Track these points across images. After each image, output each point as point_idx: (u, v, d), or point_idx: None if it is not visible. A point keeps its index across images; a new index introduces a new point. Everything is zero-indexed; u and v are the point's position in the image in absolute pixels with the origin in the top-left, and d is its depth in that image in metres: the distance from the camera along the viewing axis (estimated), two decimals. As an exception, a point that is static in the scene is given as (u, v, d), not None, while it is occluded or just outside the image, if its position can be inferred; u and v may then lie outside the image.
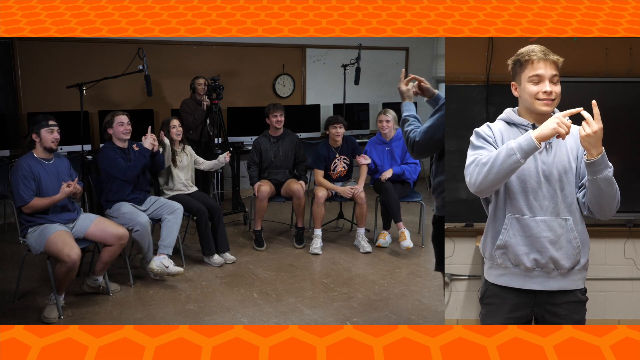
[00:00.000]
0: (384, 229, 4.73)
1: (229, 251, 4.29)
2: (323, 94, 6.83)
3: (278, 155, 4.77)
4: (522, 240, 1.89)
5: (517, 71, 1.90)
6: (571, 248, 1.89)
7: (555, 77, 1.85)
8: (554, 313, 1.93)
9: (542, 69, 1.83)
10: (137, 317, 3.36)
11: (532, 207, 1.87)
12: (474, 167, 1.79)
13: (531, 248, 1.89)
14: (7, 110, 5.22)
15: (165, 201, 4.06)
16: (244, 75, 6.35)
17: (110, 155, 3.83)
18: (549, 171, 1.86)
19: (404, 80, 2.48)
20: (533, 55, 1.84)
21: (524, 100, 1.90)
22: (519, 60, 1.88)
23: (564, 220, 1.88)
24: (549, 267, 1.90)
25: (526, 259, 1.90)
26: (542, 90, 1.83)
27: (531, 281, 1.92)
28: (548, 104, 1.84)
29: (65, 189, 3.34)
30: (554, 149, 1.88)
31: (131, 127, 3.90)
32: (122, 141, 3.89)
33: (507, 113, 1.96)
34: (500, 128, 1.92)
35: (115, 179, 3.86)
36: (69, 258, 3.19)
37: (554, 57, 1.85)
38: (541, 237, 1.88)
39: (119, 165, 3.81)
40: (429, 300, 3.64)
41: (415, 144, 2.35)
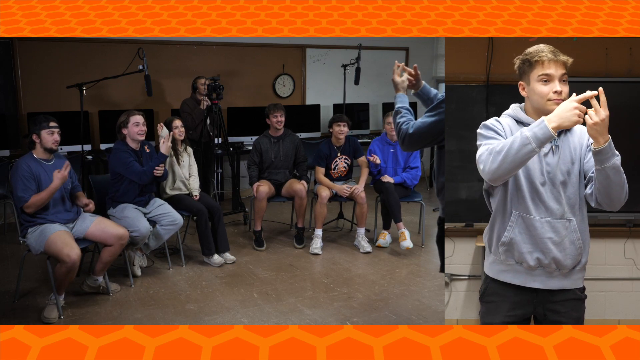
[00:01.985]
0: (384, 229, 4.73)
1: (229, 251, 4.29)
2: (323, 94, 6.82)
3: (278, 155, 4.77)
4: (527, 238, 1.90)
5: (526, 71, 1.88)
6: (574, 249, 1.90)
7: (564, 77, 1.85)
8: (554, 310, 1.94)
9: (553, 69, 1.83)
10: (137, 317, 3.36)
11: (538, 207, 1.88)
12: (487, 155, 1.75)
13: (535, 247, 1.90)
14: (7, 110, 5.22)
15: (170, 210, 4.01)
16: (244, 75, 6.35)
17: (125, 158, 3.80)
18: (553, 173, 1.87)
19: (397, 71, 2.48)
20: (543, 55, 1.83)
21: (533, 101, 1.89)
22: (529, 60, 1.87)
23: (567, 221, 1.88)
24: (551, 267, 1.91)
25: (529, 257, 1.90)
26: (553, 90, 1.82)
27: (533, 279, 1.93)
28: (559, 104, 1.83)
29: (57, 174, 3.29)
30: (559, 152, 1.87)
31: (146, 128, 3.87)
32: (135, 142, 3.88)
33: (514, 110, 1.95)
34: (509, 123, 1.91)
35: (124, 181, 3.84)
36: (68, 258, 3.19)
37: (563, 57, 1.85)
38: (545, 238, 1.88)
39: (135, 169, 3.79)
40: (429, 300, 3.64)
41: (407, 137, 2.29)
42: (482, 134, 1.88)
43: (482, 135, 1.88)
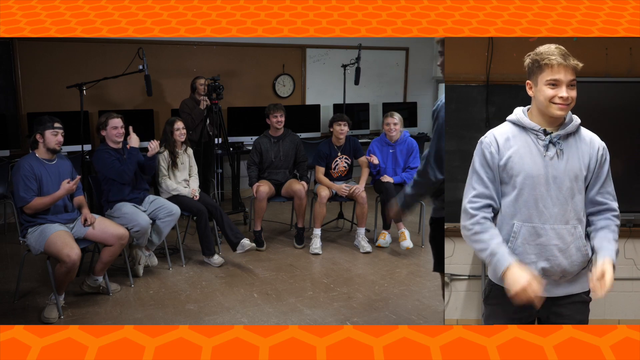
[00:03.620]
0: (384, 229, 4.73)
1: (244, 239, 4.22)
2: (323, 94, 6.82)
3: (278, 155, 4.77)
4: (531, 248, 1.87)
5: (535, 72, 1.86)
6: (580, 256, 1.88)
7: (573, 82, 1.83)
8: (558, 314, 1.93)
9: (562, 74, 1.80)
10: (137, 317, 3.36)
11: (542, 214, 1.85)
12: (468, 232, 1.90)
13: (539, 256, 1.87)
14: (7, 110, 5.22)
15: (164, 202, 4.05)
16: (244, 75, 6.35)
17: (106, 158, 3.83)
18: (560, 178, 1.84)
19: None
20: (553, 59, 1.81)
21: (538, 102, 1.87)
22: (538, 62, 1.84)
23: (573, 227, 1.86)
24: (557, 274, 1.89)
25: (534, 267, 1.86)
26: (559, 95, 1.80)
27: None
28: (563, 109, 1.82)
29: (65, 185, 3.33)
30: (565, 156, 1.85)
31: (124, 130, 3.89)
32: (114, 143, 3.90)
33: (517, 115, 1.92)
34: (508, 133, 1.90)
35: (113, 181, 3.86)
36: (68, 258, 3.19)
37: (573, 62, 1.82)
38: (550, 245, 1.86)
39: (115, 168, 3.82)
40: (429, 300, 3.64)
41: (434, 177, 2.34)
42: (474, 164, 1.93)
43: (473, 166, 1.93)
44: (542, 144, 1.85)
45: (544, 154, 1.85)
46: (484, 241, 1.86)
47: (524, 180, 1.85)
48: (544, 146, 1.85)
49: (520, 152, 1.87)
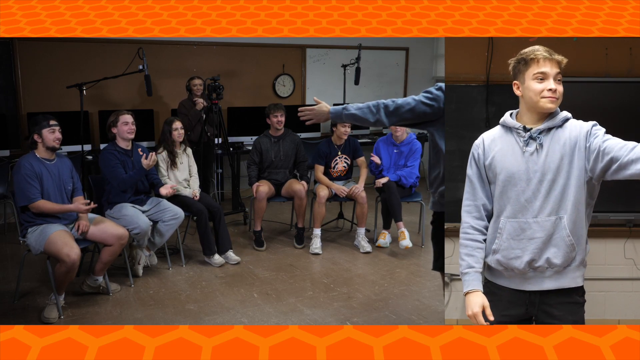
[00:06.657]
0: (384, 228, 4.73)
1: (231, 250, 4.29)
2: (323, 94, 6.80)
3: (279, 155, 4.77)
4: (516, 243, 1.91)
5: (521, 70, 1.89)
6: (565, 246, 1.89)
7: (559, 76, 1.86)
8: (549, 314, 1.93)
9: (548, 67, 1.84)
10: (137, 317, 3.36)
11: (525, 209, 1.89)
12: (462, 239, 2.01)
13: (524, 250, 1.90)
14: (7, 110, 5.22)
15: (169, 205, 4.03)
16: (244, 75, 6.35)
17: (111, 161, 3.83)
18: (541, 172, 1.86)
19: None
20: (539, 54, 1.85)
21: (527, 99, 1.89)
22: (524, 58, 1.88)
23: (558, 218, 1.87)
24: (543, 266, 1.90)
25: (518, 262, 1.91)
26: (547, 87, 1.84)
27: (527, 282, 1.93)
28: (553, 101, 1.84)
29: (81, 205, 3.38)
30: (545, 149, 1.86)
31: (135, 127, 3.90)
32: (125, 141, 3.89)
33: (504, 117, 1.98)
34: (495, 136, 1.97)
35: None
36: (68, 258, 3.19)
37: (558, 57, 1.87)
38: (535, 238, 1.89)
39: (117, 174, 3.81)
40: (429, 300, 3.64)
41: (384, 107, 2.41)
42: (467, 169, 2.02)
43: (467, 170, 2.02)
44: (522, 140, 1.89)
45: (524, 150, 1.88)
46: (463, 257, 1.99)
47: (505, 177, 1.91)
48: (524, 142, 1.89)
49: (503, 151, 1.93)
